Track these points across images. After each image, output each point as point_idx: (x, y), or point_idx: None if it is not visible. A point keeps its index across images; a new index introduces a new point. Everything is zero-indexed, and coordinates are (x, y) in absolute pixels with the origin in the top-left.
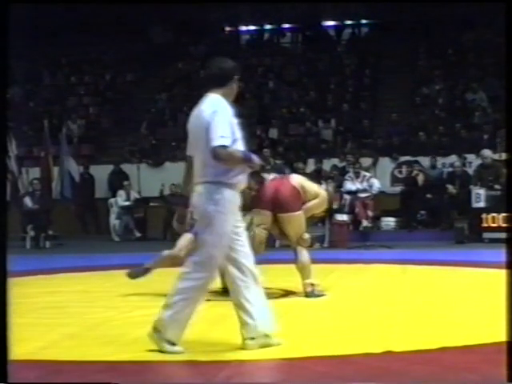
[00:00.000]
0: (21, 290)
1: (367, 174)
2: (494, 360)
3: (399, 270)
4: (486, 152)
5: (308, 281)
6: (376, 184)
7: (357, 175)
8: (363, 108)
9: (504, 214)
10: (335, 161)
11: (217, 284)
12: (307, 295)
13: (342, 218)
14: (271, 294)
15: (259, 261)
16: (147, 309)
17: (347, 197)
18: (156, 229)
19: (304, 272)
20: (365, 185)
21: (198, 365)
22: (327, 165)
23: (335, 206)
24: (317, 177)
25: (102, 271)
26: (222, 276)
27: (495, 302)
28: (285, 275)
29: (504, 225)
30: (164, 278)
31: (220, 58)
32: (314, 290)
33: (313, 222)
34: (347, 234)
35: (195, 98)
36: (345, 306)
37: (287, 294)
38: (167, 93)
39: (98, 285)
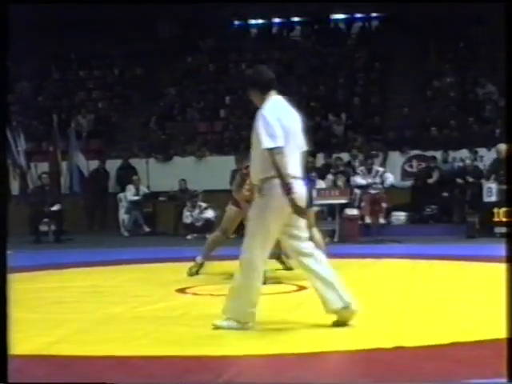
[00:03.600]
0: (30, 284)
1: (380, 169)
2: (505, 355)
3: (410, 264)
4: (502, 146)
5: None
6: (390, 179)
7: (369, 170)
8: (373, 102)
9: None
10: (345, 155)
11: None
12: None
13: (352, 212)
14: (283, 289)
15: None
16: (156, 304)
17: (357, 191)
18: (165, 223)
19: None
20: (377, 179)
21: (208, 360)
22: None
23: (345, 201)
24: (326, 171)
25: (112, 266)
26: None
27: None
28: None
29: None
30: (173, 275)
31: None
32: None
33: (323, 216)
34: (357, 229)
35: (204, 93)
36: (356, 300)
37: (300, 288)
38: (176, 87)
39: (107, 280)
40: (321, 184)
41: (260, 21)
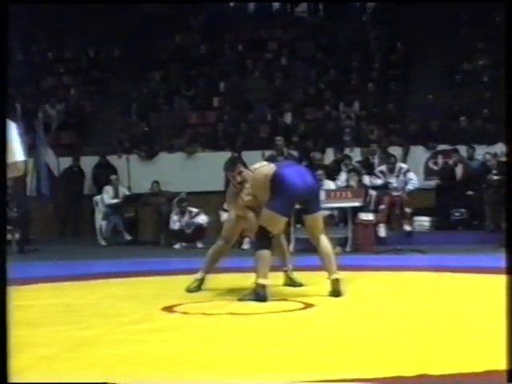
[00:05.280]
0: None
1: (404, 167)
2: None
3: (435, 278)
4: None
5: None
6: (413, 180)
7: (391, 169)
8: (392, 88)
9: None
10: (358, 151)
11: None
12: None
13: (368, 217)
14: (287, 307)
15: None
16: (138, 324)
17: (373, 193)
18: (149, 231)
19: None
20: (400, 180)
21: None
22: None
23: (359, 204)
24: (337, 169)
25: (86, 281)
26: None
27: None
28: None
29: None
30: (158, 291)
31: None
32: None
33: (333, 222)
34: (373, 236)
35: (194, 78)
36: (371, 319)
37: (306, 306)
38: (162, 71)
39: (80, 297)
40: (330, 184)
41: None
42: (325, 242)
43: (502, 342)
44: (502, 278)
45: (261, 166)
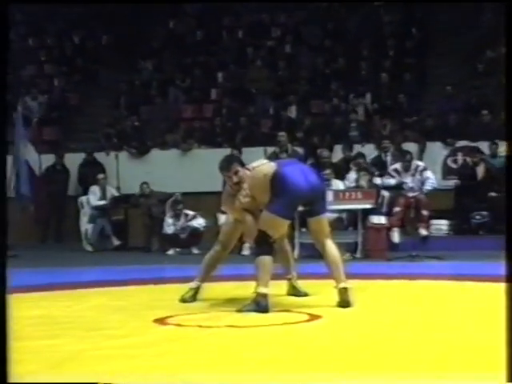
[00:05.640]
0: None
1: (420, 165)
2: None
3: (455, 287)
4: None
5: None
6: (431, 179)
7: (406, 167)
8: (407, 79)
9: None
10: (369, 148)
11: None
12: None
13: (380, 220)
14: (291, 319)
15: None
16: (128, 338)
17: (386, 193)
18: (140, 235)
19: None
20: (416, 179)
21: None
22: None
23: (370, 205)
24: (345, 167)
25: (70, 291)
26: None
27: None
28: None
29: None
30: (150, 301)
31: None
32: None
33: (342, 225)
34: (386, 242)
35: (190, 67)
36: (383, 333)
37: (312, 318)
38: (154, 60)
39: (64, 308)
40: (339, 184)
41: None
42: (331, 247)
43: None
44: None
45: (260, 165)
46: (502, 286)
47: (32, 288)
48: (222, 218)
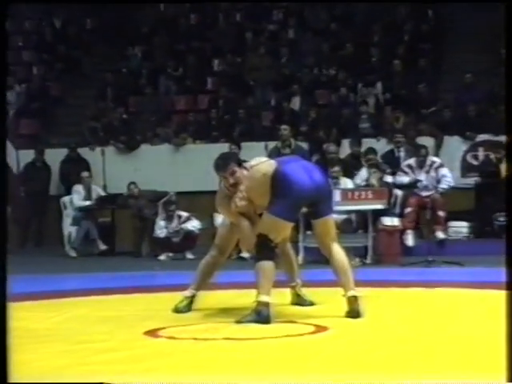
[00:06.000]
0: None
1: (436, 161)
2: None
3: (476, 296)
4: None
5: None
6: (448, 177)
7: (421, 164)
8: (422, 66)
9: None
10: (382, 142)
11: None
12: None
13: (392, 222)
14: (296, 330)
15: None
16: (116, 352)
17: (399, 192)
18: (129, 239)
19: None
20: (432, 177)
21: None
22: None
23: (382, 206)
24: (354, 164)
25: (51, 300)
26: None
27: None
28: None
29: None
30: (140, 311)
31: None
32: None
33: (351, 228)
34: (399, 245)
35: (183, 54)
36: (396, 346)
37: (318, 329)
38: (143, 46)
39: (45, 319)
40: (347, 182)
41: None
42: (339, 251)
43: None
44: None
45: (258, 163)
46: None
47: (9, 297)
48: (219, 220)
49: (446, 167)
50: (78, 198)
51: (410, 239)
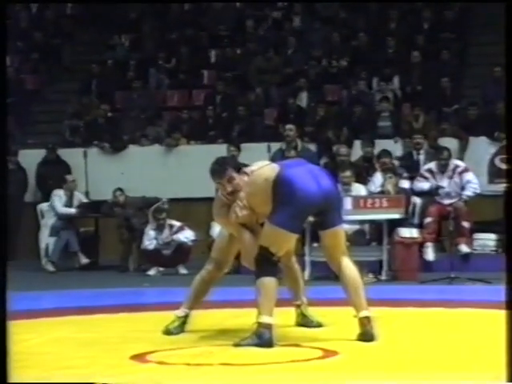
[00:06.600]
0: None
1: (460, 165)
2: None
3: (503, 316)
4: None
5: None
6: (473, 183)
7: (442, 168)
8: (445, 58)
9: None
10: (398, 144)
11: None
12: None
13: (410, 233)
14: (301, 355)
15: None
16: (95, 379)
17: (418, 200)
18: (114, 251)
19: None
20: (455, 183)
21: None
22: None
23: (398, 215)
24: (367, 168)
25: (26, 320)
26: None
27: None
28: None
29: None
30: (127, 333)
31: None
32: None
33: (363, 240)
34: (418, 260)
35: (176, 44)
36: (413, 373)
37: (326, 354)
38: (131, 35)
39: (20, 342)
40: (361, 189)
41: None
42: (349, 266)
43: None
44: None
45: (259, 168)
46: None
47: None
48: (216, 230)
49: (471, 172)
50: (57, 205)
51: (429, 253)
